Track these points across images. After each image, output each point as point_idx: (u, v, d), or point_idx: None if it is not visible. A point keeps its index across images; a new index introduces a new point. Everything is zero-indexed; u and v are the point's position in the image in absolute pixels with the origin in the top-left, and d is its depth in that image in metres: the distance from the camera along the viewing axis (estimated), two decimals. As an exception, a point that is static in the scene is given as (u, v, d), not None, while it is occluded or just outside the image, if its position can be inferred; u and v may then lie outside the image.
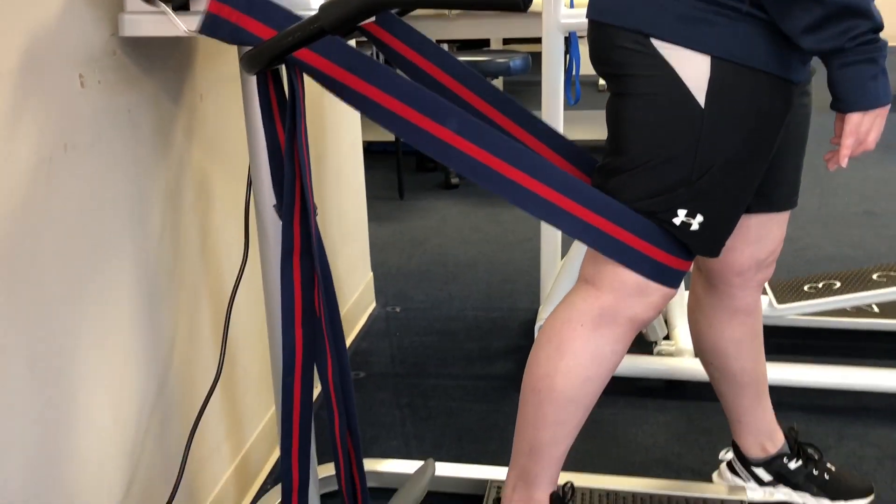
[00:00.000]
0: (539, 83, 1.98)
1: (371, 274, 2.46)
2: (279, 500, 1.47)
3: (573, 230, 1.11)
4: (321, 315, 1.13)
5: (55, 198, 1.00)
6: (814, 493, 1.48)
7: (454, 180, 3.74)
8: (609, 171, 1.14)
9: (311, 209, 1.08)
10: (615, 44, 1.09)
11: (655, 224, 1.11)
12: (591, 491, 1.50)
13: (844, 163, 1.08)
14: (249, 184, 1.21)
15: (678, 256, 1.14)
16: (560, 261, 2.13)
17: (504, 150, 1.07)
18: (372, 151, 4.38)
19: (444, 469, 1.57)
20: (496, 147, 1.07)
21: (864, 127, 1.04)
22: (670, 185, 1.09)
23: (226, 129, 1.44)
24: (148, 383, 1.23)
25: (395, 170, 3.71)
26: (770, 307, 2.08)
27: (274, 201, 1.19)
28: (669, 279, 1.15)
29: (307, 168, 1.06)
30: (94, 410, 1.10)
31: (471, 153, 1.07)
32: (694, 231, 1.11)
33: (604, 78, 1.15)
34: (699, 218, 1.10)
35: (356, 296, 2.30)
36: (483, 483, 1.53)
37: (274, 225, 1.20)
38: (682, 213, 1.10)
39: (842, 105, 1.04)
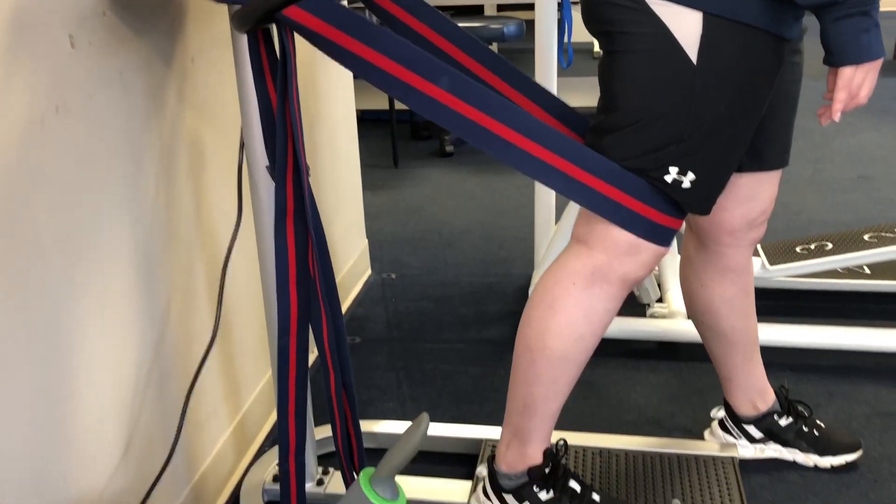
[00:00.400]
0: (533, 50, 1.97)
1: (366, 241, 2.47)
2: (277, 460, 1.49)
3: (565, 189, 1.12)
4: (315, 276, 1.13)
5: (48, 160, 1.00)
6: (803, 450, 1.51)
7: (449, 148, 3.73)
8: (601, 130, 1.14)
9: (303, 170, 1.08)
10: (608, 0, 1.08)
11: (647, 182, 1.12)
12: (584, 449, 1.52)
13: (837, 117, 1.08)
14: (242, 145, 1.21)
15: (670, 215, 1.15)
16: (554, 227, 2.13)
17: (496, 109, 1.07)
18: (366, 119, 4.36)
19: (439, 429, 1.59)
20: (488, 106, 1.07)
21: (856, 80, 1.04)
22: (662, 142, 1.09)
23: (218, 91, 1.44)
24: (145, 345, 1.24)
25: (389, 138, 3.70)
26: (762, 269, 2.09)
27: (267, 162, 1.19)
28: (661, 237, 1.16)
29: (299, 128, 1.06)
30: (92, 371, 1.11)
31: (462, 112, 1.07)
32: (685, 188, 1.11)
33: (596, 36, 1.14)
34: (690, 175, 1.11)
35: (351, 263, 2.31)
36: (478, 442, 1.55)
37: (267, 186, 1.21)
38: (673, 170, 1.10)
39: (834, 59, 1.04)
